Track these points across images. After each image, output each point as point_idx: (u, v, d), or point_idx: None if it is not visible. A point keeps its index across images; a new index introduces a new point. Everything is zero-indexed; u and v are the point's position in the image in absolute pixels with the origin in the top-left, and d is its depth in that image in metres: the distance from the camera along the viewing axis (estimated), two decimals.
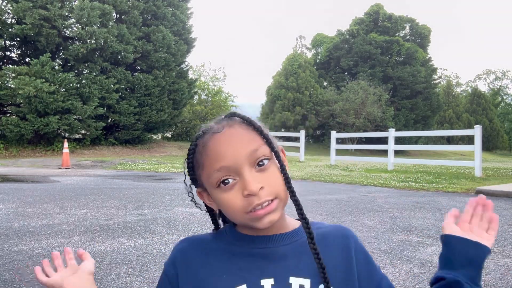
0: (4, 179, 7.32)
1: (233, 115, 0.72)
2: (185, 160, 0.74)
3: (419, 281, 2.13)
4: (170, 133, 23.80)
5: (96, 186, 6.15)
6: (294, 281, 0.68)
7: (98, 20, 14.86)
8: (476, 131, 8.65)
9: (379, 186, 6.87)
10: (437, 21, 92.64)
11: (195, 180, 0.75)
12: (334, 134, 12.89)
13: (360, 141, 25.27)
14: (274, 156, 0.70)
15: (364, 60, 29.43)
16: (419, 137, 30.71)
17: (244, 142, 0.68)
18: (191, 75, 22.53)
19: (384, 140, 14.07)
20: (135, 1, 16.44)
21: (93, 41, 15.12)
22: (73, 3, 15.45)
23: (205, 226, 3.41)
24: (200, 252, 0.73)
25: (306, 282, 0.68)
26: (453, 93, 41.28)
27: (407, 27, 32.78)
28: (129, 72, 16.48)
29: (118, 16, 16.81)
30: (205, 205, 0.77)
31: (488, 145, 36.16)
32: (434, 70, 32.65)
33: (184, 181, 0.76)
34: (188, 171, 0.75)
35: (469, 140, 31.02)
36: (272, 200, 0.67)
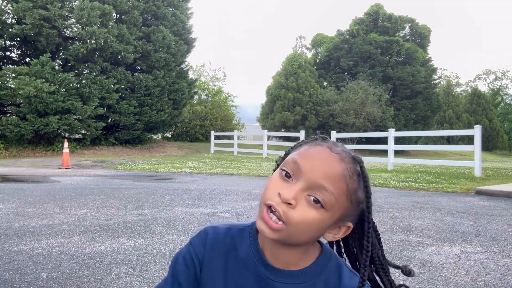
0: (4, 179, 7.32)
1: (358, 161, 0.68)
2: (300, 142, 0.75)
3: (419, 281, 2.13)
4: (170, 133, 23.80)
5: (96, 186, 6.15)
6: None
7: (98, 20, 14.87)
8: (476, 131, 8.65)
9: (379, 186, 6.87)
10: (437, 21, 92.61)
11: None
12: (334, 134, 12.90)
13: (360, 141, 25.26)
14: (333, 215, 0.66)
15: (364, 60, 29.43)
16: (419, 137, 30.72)
17: (327, 174, 0.65)
18: (191, 75, 22.55)
19: (384, 140, 14.07)
20: (135, 1, 16.44)
21: (93, 41, 15.12)
22: (73, 3, 15.45)
23: (205, 226, 3.42)
24: (223, 252, 0.74)
25: None
26: (453, 93, 41.29)
27: (407, 27, 32.78)
28: (129, 72, 16.49)
29: (118, 16, 16.81)
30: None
31: (488, 145, 36.17)
32: (434, 70, 32.65)
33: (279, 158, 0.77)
34: (294, 146, 0.75)
35: (469, 140, 31.02)
36: (283, 222, 0.65)
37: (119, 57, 16.14)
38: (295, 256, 0.70)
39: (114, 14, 16.30)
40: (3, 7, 14.78)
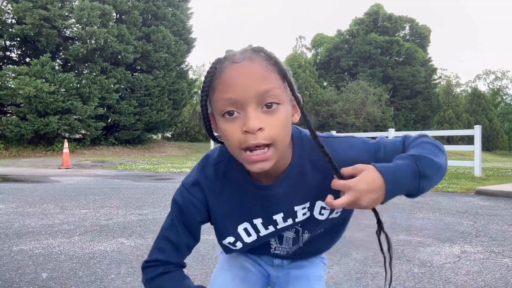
0: (4, 179, 7.32)
1: (260, 49, 0.70)
2: (202, 83, 0.73)
3: (419, 281, 2.13)
4: (170, 133, 23.82)
5: (96, 186, 6.15)
6: (298, 208, 0.80)
7: (98, 20, 14.87)
8: (476, 131, 8.65)
9: None
10: (437, 21, 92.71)
11: (206, 105, 0.74)
12: (334, 134, 12.90)
13: None
14: (287, 103, 0.71)
15: (364, 60, 29.45)
16: None
17: (258, 80, 0.67)
18: (191, 75, 22.58)
19: None
20: (135, 1, 16.45)
21: (93, 41, 15.13)
22: (73, 3, 15.47)
23: (205, 226, 3.42)
24: (217, 191, 0.81)
25: (306, 205, 0.80)
26: (453, 93, 41.32)
27: (407, 27, 32.82)
28: (129, 72, 16.49)
29: (118, 16, 16.81)
30: (210, 133, 0.78)
31: (488, 145, 36.19)
32: (434, 70, 32.68)
33: (200, 105, 0.76)
34: (202, 93, 0.73)
35: (469, 140, 31.04)
36: (268, 147, 0.68)
37: (119, 57, 16.15)
38: (279, 163, 0.74)
39: (114, 14, 16.31)
40: (3, 7, 14.79)
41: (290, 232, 0.86)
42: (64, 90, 14.61)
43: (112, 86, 15.65)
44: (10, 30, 14.78)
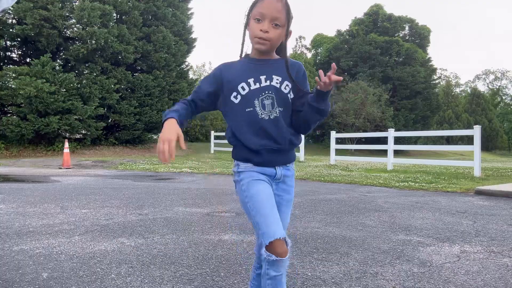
0: (5, 179, 7.33)
1: None
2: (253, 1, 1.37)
3: (419, 281, 2.14)
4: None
5: (96, 186, 6.16)
6: (275, 77, 1.37)
7: (98, 20, 14.88)
8: (476, 131, 8.65)
9: (378, 186, 6.88)
10: (437, 21, 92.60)
11: (249, 15, 1.38)
12: (334, 134, 12.90)
13: (359, 141, 25.28)
14: (284, 29, 1.35)
15: (364, 61, 29.44)
16: (419, 137, 30.72)
17: (276, 11, 1.32)
18: (191, 75, 22.56)
19: (383, 140, 14.08)
20: (135, 2, 16.45)
21: (93, 42, 15.13)
22: (74, 3, 15.47)
23: (205, 226, 3.42)
24: (232, 67, 1.42)
25: (279, 78, 1.37)
26: (453, 93, 41.32)
27: (407, 28, 32.80)
28: (129, 72, 16.49)
29: (118, 17, 16.81)
30: (244, 32, 1.41)
31: (488, 145, 36.18)
32: (434, 71, 32.67)
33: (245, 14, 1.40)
34: (249, 9, 1.37)
35: (469, 140, 31.05)
36: (267, 41, 1.34)
37: (120, 57, 16.15)
38: (270, 54, 1.40)
39: (115, 14, 16.31)
40: None
41: (268, 100, 1.36)
42: (64, 90, 14.61)
43: (112, 86, 15.65)
44: (11, 30, 14.78)
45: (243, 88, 1.36)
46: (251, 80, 1.36)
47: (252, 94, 1.35)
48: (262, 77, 1.36)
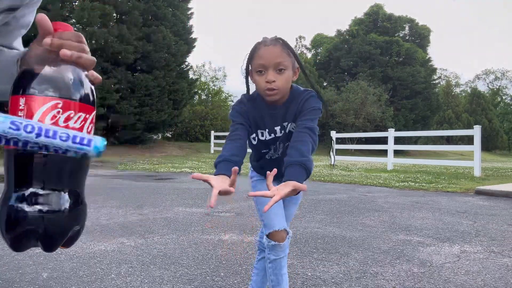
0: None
1: (280, 39, 1.33)
2: (247, 54, 1.35)
3: (419, 281, 2.14)
4: (171, 133, 23.81)
5: (96, 186, 6.16)
6: (286, 124, 1.40)
7: (98, 20, 14.88)
8: (476, 131, 8.65)
9: (378, 186, 6.88)
10: (437, 21, 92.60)
11: (248, 67, 1.37)
12: (334, 134, 12.90)
13: (359, 141, 25.27)
14: (290, 70, 1.32)
15: (364, 60, 29.44)
16: (419, 137, 30.71)
17: (275, 56, 1.28)
18: (191, 75, 22.55)
19: (383, 140, 14.08)
20: (135, 2, 16.45)
21: (93, 42, 15.13)
22: (74, 3, 15.47)
23: (205, 226, 3.42)
24: (253, 108, 1.41)
25: (289, 123, 1.40)
26: (453, 93, 41.32)
27: (407, 28, 32.81)
28: (129, 72, 16.49)
29: (118, 17, 16.81)
30: (247, 82, 1.44)
31: (488, 145, 36.16)
32: (434, 70, 32.67)
33: (241, 66, 1.40)
34: (247, 61, 1.36)
35: (469, 140, 31.01)
36: (276, 90, 1.30)
37: (120, 57, 16.15)
38: (281, 99, 1.38)
39: (115, 14, 16.31)
40: None
41: (280, 144, 1.44)
42: None
43: (112, 86, 15.65)
44: None
45: (262, 134, 1.43)
46: (266, 132, 1.42)
47: (266, 142, 1.44)
48: (277, 128, 1.41)
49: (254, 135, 1.44)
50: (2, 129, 0.43)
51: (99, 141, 0.45)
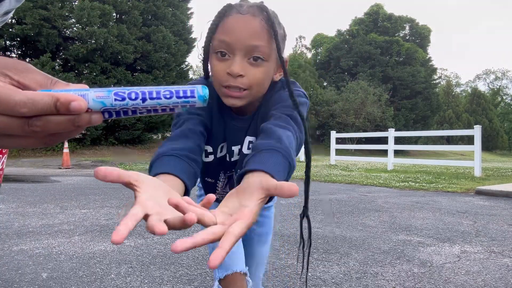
0: (5, 179, 7.32)
1: (264, 9, 0.78)
2: (209, 22, 0.81)
3: (419, 281, 2.13)
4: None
5: (96, 186, 6.16)
6: (246, 138, 0.88)
7: (98, 20, 14.87)
8: (476, 131, 8.65)
9: (379, 186, 6.87)
10: (437, 21, 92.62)
11: (209, 41, 0.81)
12: (334, 134, 12.90)
13: (360, 141, 25.27)
14: (272, 62, 0.80)
15: (364, 60, 29.44)
16: (419, 137, 30.72)
17: (252, 34, 0.75)
18: (191, 75, 22.54)
19: (384, 140, 14.08)
20: (135, 1, 16.44)
21: (93, 41, 15.13)
22: (73, 3, 15.46)
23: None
24: (211, 111, 0.87)
25: (253, 138, 0.87)
26: (453, 93, 41.31)
27: (407, 27, 32.81)
28: (129, 72, 16.49)
29: (118, 16, 16.81)
30: (205, 67, 0.84)
31: (488, 145, 36.17)
32: (434, 70, 32.67)
33: (197, 43, 0.85)
34: (208, 30, 0.80)
35: (469, 140, 31.01)
36: (244, 90, 0.77)
37: (119, 57, 16.14)
38: (249, 106, 0.85)
39: (114, 14, 16.30)
40: None
41: (233, 176, 0.94)
42: None
43: (112, 86, 15.65)
44: (10, 30, 14.78)
45: (209, 153, 0.91)
46: (220, 149, 0.92)
47: (217, 165, 0.94)
48: (236, 148, 0.91)
49: (209, 148, 0.91)
50: (110, 103, 0.43)
51: (201, 90, 0.44)
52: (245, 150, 0.88)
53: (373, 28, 31.12)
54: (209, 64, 0.83)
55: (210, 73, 0.85)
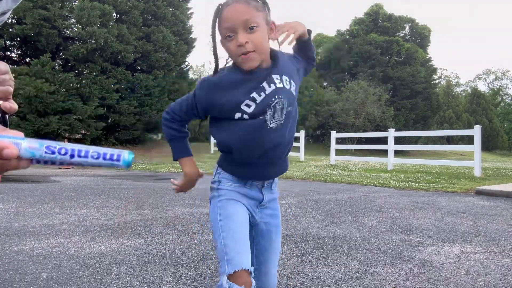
0: (5, 179, 7.32)
1: None
2: (213, 19, 1.11)
3: (419, 281, 2.13)
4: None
5: (96, 186, 6.16)
6: (274, 76, 1.14)
7: (98, 20, 14.87)
8: (476, 131, 8.64)
9: (379, 186, 6.87)
10: (437, 21, 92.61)
11: (215, 34, 1.12)
12: (334, 134, 12.90)
13: (360, 141, 25.26)
14: (264, 26, 1.11)
15: (364, 60, 29.42)
16: (419, 137, 30.70)
17: (241, 13, 1.07)
18: (191, 75, 22.56)
19: (384, 140, 14.07)
20: (135, 1, 16.44)
21: (93, 41, 15.13)
22: (73, 3, 15.47)
23: (205, 226, 3.42)
24: (220, 86, 1.14)
25: (278, 76, 1.15)
26: (453, 93, 41.30)
27: (407, 27, 32.78)
28: (129, 72, 16.49)
29: (118, 16, 16.81)
30: (215, 53, 1.14)
31: (488, 145, 36.14)
32: (434, 70, 32.64)
33: (211, 35, 1.12)
34: (212, 27, 1.11)
35: (469, 140, 31.00)
36: (252, 52, 1.07)
37: (119, 57, 16.14)
38: (262, 64, 1.13)
39: (114, 14, 16.30)
40: None
41: (279, 105, 1.14)
42: (64, 90, 14.60)
43: (112, 86, 15.64)
44: (10, 30, 14.77)
45: (248, 106, 1.11)
46: (254, 94, 1.11)
47: (261, 106, 1.11)
48: (265, 85, 1.12)
49: (238, 113, 1.11)
50: (39, 154, 0.47)
51: (127, 155, 0.50)
52: (279, 85, 1.14)
53: (373, 28, 31.09)
54: (223, 49, 1.13)
55: (218, 64, 1.15)
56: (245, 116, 1.11)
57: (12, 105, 0.65)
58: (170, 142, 1.26)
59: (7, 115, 0.64)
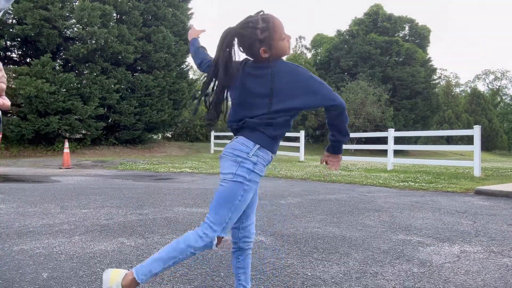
0: (5, 179, 7.33)
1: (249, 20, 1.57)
2: (260, 28, 1.52)
3: (419, 281, 2.14)
4: (171, 133, 23.79)
5: (96, 186, 6.16)
6: None
7: (98, 20, 14.87)
8: (475, 131, 8.65)
9: (378, 186, 6.88)
10: (437, 21, 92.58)
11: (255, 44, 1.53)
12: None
13: (359, 141, 25.27)
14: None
15: (364, 61, 29.42)
16: (419, 137, 30.70)
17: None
18: (191, 75, 22.56)
19: (383, 140, 14.08)
20: (135, 2, 16.45)
21: (93, 42, 15.13)
22: (74, 3, 15.47)
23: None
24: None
25: None
26: (453, 93, 41.30)
27: (407, 28, 32.78)
28: (129, 72, 16.49)
29: (118, 17, 16.81)
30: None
31: (488, 145, 36.16)
32: (434, 71, 32.63)
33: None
34: (270, 32, 1.52)
35: (469, 140, 31.03)
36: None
37: (120, 57, 16.14)
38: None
39: (115, 14, 16.31)
40: None
41: None
42: (64, 90, 14.60)
43: (112, 86, 15.65)
44: (11, 30, 14.78)
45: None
46: None
47: None
48: None
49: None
50: None
51: None
52: None
53: (373, 28, 31.10)
54: (279, 47, 1.54)
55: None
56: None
57: (5, 101, 0.66)
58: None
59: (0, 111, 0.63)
